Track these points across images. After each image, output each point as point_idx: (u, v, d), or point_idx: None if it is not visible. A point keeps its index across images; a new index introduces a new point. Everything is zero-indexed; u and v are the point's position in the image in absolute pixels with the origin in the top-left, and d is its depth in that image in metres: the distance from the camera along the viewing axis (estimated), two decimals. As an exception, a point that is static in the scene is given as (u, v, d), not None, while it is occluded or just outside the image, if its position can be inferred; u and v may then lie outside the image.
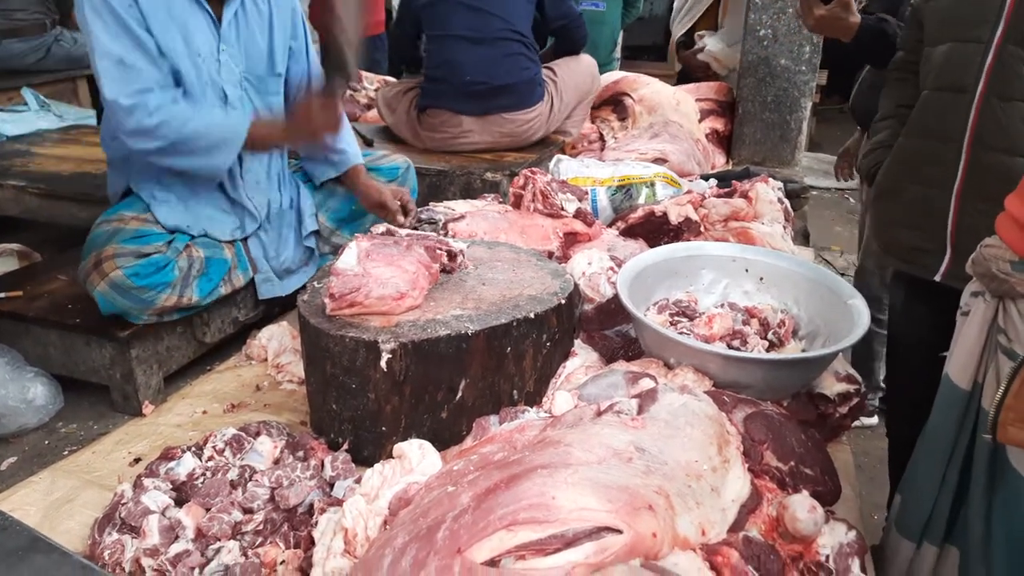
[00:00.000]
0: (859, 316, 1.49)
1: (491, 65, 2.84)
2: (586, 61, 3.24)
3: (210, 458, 1.39)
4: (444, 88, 2.89)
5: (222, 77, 1.82)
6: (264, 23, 1.91)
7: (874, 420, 2.77)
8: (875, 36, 2.01)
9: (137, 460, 1.53)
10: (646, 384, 1.36)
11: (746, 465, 1.17)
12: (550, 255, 1.96)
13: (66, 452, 1.65)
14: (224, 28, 1.81)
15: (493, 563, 0.84)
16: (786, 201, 2.25)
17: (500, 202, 2.26)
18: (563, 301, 1.53)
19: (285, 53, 1.98)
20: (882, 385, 2.71)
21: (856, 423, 1.77)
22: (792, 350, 1.62)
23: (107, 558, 1.20)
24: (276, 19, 1.93)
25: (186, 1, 1.74)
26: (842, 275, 3.87)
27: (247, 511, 1.27)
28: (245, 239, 1.95)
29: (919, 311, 1.69)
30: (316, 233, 2.16)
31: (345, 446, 1.41)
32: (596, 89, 3.36)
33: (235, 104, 1.87)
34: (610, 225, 2.26)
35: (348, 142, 2.13)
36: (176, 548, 1.20)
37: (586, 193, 2.31)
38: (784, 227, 2.18)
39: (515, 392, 1.49)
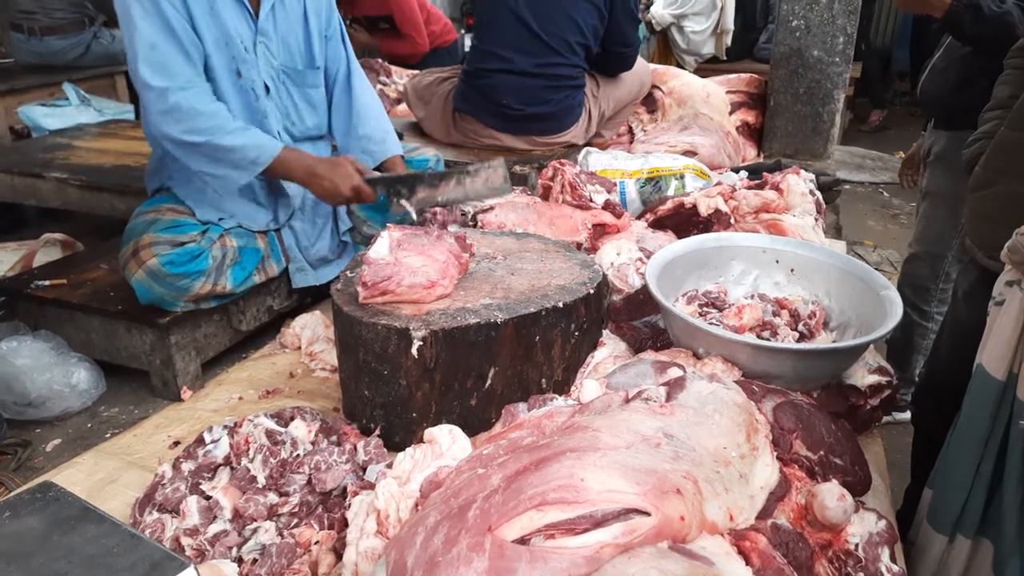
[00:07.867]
0: (892, 307, 1.47)
1: (530, 94, 2.80)
2: (639, 67, 3.16)
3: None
4: (479, 100, 2.86)
5: (260, 69, 1.86)
6: (300, 14, 1.95)
7: (907, 415, 2.72)
8: (969, 12, 1.92)
9: (176, 443, 1.58)
10: (674, 373, 1.37)
11: (775, 453, 1.17)
12: (579, 246, 1.96)
13: (108, 435, 1.71)
14: (261, 21, 1.84)
15: (523, 541, 0.86)
16: (818, 193, 2.22)
17: (528, 194, 2.27)
18: (592, 291, 1.53)
19: (322, 43, 2.01)
20: (916, 379, 2.66)
21: (888, 418, 1.75)
22: (823, 341, 1.61)
23: (148, 536, 1.24)
24: (311, 9, 1.97)
25: None
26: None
27: (282, 493, 1.30)
28: (279, 229, 1.99)
29: (986, 299, 1.65)
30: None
31: (377, 431, 1.44)
32: (644, 93, 3.27)
33: (274, 96, 1.90)
34: (639, 217, 2.26)
35: (387, 131, 2.14)
36: (214, 528, 1.24)
37: (615, 185, 2.31)
38: (816, 219, 2.15)
39: (543, 381, 1.51)
